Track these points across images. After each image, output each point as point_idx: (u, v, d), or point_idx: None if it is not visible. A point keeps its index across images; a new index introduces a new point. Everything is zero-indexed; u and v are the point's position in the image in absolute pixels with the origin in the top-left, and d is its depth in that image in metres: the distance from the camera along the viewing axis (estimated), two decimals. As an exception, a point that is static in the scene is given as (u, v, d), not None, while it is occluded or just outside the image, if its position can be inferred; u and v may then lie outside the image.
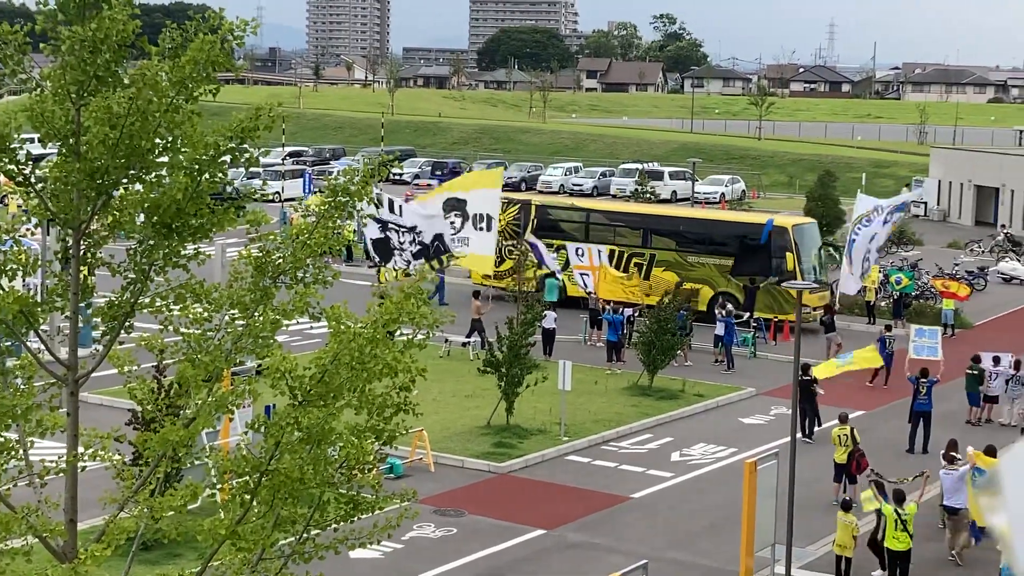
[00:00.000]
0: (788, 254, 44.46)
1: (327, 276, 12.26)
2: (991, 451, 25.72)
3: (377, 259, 40.34)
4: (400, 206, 39.86)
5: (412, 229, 39.86)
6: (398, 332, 11.87)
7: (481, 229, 40.69)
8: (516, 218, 48.06)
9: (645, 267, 46.32)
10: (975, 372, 34.07)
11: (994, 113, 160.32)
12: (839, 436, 27.67)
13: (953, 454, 24.76)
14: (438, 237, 40.08)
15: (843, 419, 28.29)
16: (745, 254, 45.15)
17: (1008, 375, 34.03)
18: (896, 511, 22.37)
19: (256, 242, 12.27)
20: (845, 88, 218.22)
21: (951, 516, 24.36)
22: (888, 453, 30.44)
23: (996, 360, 34.50)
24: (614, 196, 79.98)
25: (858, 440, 27.47)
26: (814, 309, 44.14)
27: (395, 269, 38.89)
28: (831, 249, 51.34)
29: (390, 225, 39.79)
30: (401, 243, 39.93)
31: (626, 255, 46.57)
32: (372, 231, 39.91)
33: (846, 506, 23.26)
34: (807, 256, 45.23)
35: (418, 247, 39.94)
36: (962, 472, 24.35)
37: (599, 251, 42.72)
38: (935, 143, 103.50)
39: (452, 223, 40.50)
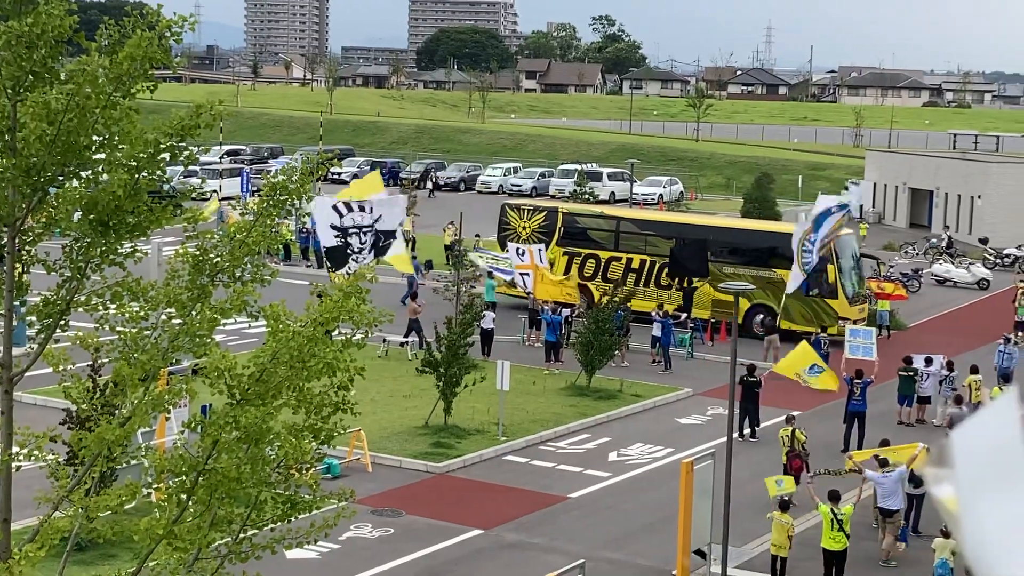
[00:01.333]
0: (829, 266, 42.76)
1: (265, 275, 12.23)
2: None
3: (330, 266, 39.99)
4: (363, 205, 39.63)
5: (374, 224, 39.69)
6: (336, 331, 11.86)
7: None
8: (543, 226, 46.99)
9: (678, 278, 44.87)
10: (908, 373, 34.48)
11: (928, 117, 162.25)
12: (782, 437, 27.99)
13: (885, 457, 25.02)
14: (389, 234, 39.95)
15: (788, 420, 28.63)
16: (681, 254, 45.25)
17: (940, 376, 34.46)
18: (832, 511, 22.57)
19: (193, 240, 12.20)
20: (782, 91, 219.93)
21: (887, 518, 24.61)
22: (824, 453, 30.68)
23: (928, 361, 34.93)
24: (553, 196, 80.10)
25: (802, 440, 27.68)
26: (854, 322, 42.50)
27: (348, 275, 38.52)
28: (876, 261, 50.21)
29: (351, 230, 39.49)
30: (362, 244, 39.65)
31: (658, 265, 45.15)
32: (327, 238, 39.53)
33: (783, 506, 23.44)
34: (847, 267, 43.91)
35: (372, 236, 39.83)
36: (899, 472, 24.61)
37: (539, 251, 42.65)
38: (870, 146, 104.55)
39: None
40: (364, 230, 39.20)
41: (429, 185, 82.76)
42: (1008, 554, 1.07)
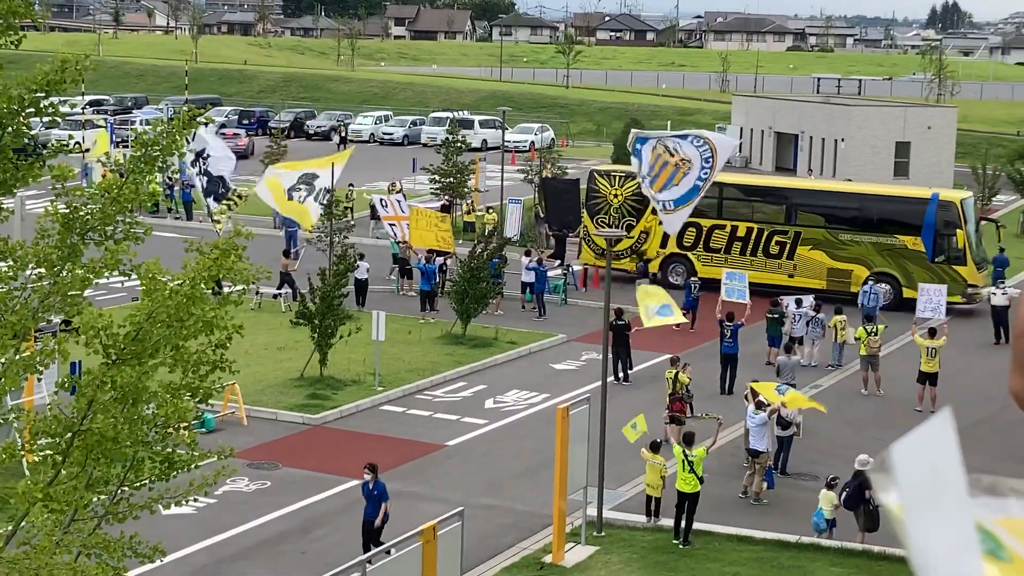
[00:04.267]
0: (959, 231, 40.94)
1: (138, 232, 12.05)
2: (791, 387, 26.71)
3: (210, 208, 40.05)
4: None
5: (200, 155, 39.94)
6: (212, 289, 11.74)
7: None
8: (636, 193, 43.49)
9: (789, 246, 42.68)
10: (775, 315, 35.17)
11: (793, 61, 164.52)
12: (668, 378, 28.38)
13: (761, 399, 25.46)
14: (220, 179, 40.13)
15: (672, 361, 28.99)
16: (556, 204, 45.47)
17: (809, 317, 35.19)
18: (684, 452, 22.90)
19: (62, 197, 11.96)
20: (650, 37, 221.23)
21: (754, 458, 25.14)
22: (697, 395, 31.19)
23: (799, 302, 35.64)
24: (424, 145, 79.80)
25: (684, 382, 28.06)
26: (983, 287, 41.51)
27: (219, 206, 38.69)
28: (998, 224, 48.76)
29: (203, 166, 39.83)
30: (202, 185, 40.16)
31: (766, 233, 42.79)
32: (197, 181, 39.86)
33: (654, 447, 23.77)
34: (972, 232, 41.86)
35: (206, 179, 40.10)
36: (762, 417, 25.10)
37: (398, 200, 42.42)
38: (737, 91, 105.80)
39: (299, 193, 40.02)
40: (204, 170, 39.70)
41: (336, 139, 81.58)
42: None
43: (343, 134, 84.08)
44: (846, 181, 58.05)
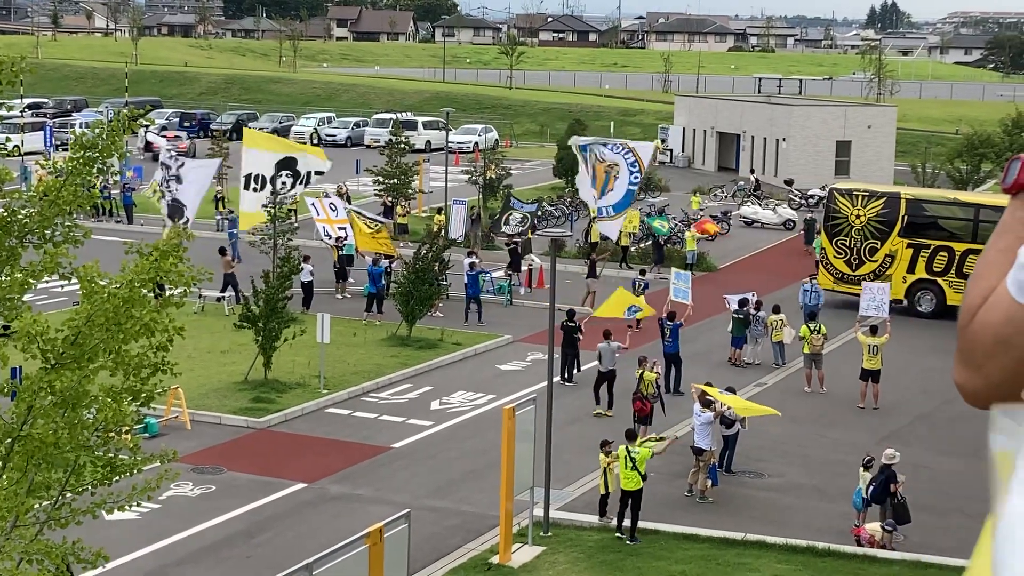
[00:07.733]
0: None
1: (78, 235, 11.92)
2: (730, 391, 26.78)
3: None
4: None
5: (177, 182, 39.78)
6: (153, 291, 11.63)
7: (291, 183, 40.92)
8: (880, 214, 41.27)
9: None
10: (741, 316, 35.16)
11: (734, 61, 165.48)
12: (636, 376, 28.41)
13: (708, 398, 25.55)
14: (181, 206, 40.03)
15: (640, 361, 28.94)
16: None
17: (751, 315, 35.34)
18: (627, 449, 22.96)
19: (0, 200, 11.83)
20: (592, 37, 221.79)
21: (697, 456, 25.23)
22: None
23: (745, 302, 35.74)
24: (368, 146, 79.55)
25: (651, 379, 28.09)
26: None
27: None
28: None
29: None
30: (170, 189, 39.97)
31: None
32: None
33: (602, 445, 23.80)
34: None
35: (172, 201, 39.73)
36: (707, 416, 25.19)
37: (332, 205, 42.37)
38: (679, 91, 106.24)
39: (283, 182, 40.57)
40: (169, 180, 39.48)
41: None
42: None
43: (315, 142, 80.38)
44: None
